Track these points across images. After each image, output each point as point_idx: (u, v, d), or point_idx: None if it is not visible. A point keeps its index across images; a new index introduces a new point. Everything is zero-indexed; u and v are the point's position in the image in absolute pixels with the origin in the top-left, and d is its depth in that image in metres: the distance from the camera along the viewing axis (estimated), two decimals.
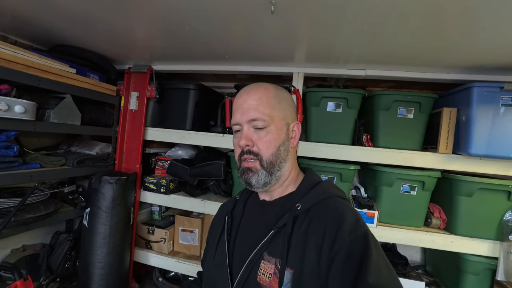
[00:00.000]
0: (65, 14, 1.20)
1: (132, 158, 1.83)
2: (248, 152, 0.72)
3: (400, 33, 1.07)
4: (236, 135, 0.76)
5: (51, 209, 1.43)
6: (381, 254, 0.60)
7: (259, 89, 0.74)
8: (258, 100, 0.72)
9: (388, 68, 1.51)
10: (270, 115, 0.71)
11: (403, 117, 1.50)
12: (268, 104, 0.72)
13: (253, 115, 0.71)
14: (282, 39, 1.24)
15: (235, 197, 0.89)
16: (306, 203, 0.70)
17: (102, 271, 1.49)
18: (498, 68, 1.33)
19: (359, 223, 0.63)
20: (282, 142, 0.73)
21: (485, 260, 1.42)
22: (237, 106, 0.74)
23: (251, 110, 0.71)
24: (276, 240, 0.68)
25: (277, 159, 0.72)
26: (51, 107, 1.40)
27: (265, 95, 0.73)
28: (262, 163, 0.71)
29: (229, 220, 0.81)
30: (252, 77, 1.86)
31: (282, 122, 0.74)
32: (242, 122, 0.72)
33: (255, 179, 0.71)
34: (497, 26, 0.94)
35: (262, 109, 0.71)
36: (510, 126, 1.29)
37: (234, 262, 0.74)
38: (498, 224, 1.40)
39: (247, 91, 0.75)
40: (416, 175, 1.46)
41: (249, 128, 0.72)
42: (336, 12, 0.95)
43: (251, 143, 0.71)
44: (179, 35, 1.28)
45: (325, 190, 0.73)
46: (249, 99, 0.72)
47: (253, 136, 0.72)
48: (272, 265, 0.66)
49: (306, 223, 0.67)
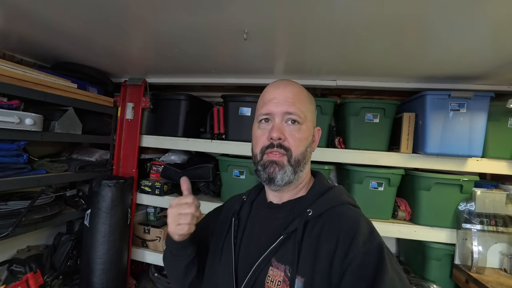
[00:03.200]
0: (67, 37, 1.36)
1: (129, 163, 1.99)
2: (279, 146, 0.67)
3: (363, 49, 1.25)
4: (261, 126, 0.71)
5: (56, 211, 1.58)
6: (396, 268, 0.57)
7: (296, 85, 0.72)
8: (296, 95, 0.69)
9: (357, 78, 1.71)
10: (305, 113, 0.69)
11: (370, 121, 1.70)
12: (304, 102, 0.70)
13: (290, 109, 0.67)
14: (259, 58, 1.44)
15: (242, 197, 0.85)
16: (317, 209, 0.66)
17: (102, 266, 1.64)
18: (447, 78, 1.54)
19: (374, 234, 0.60)
20: (309, 143, 0.71)
21: (445, 246, 1.61)
22: (272, 96, 0.70)
23: (289, 102, 0.67)
24: (286, 246, 0.64)
25: (303, 159, 0.69)
26: (56, 118, 1.56)
27: (302, 92, 0.71)
28: (290, 160, 0.67)
29: (235, 222, 0.77)
30: (238, 87, 2.05)
31: (311, 124, 0.72)
32: (276, 112, 0.68)
33: (280, 175, 0.67)
34: (445, 44, 1.13)
35: (298, 105, 0.68)
36: (457, 128, 1.50)
37: (239, 266, 0.70)
38: (454, 214, 1.60)
39: (285, 84, 0.71)
40: (383, 173, 1.65)
41: (282, 121, 0.68)
42: (299, 37, 1.15)
43: (283, 137, 0.67)
44: (170, 55, 1.47)
45: (337, 197, 0.69)
46: (287, 92, 0.69)
47: (285, 130, 0.68)
48: (281, 272, 0.62)
49: (318, 229, 0.63)
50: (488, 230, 1.54)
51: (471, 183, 1.57)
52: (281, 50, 1.32)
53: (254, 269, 0.65)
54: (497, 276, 1.46)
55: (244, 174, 1.81)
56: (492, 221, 1.54)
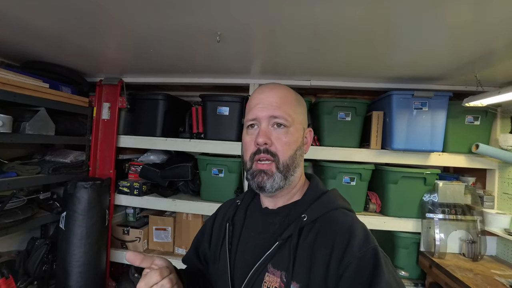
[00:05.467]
0: (38, 34, 1.31)
1: (106, 164, 1.96)
2: (265, 151, 0.66)
3: (333, 51, 1.32)
4: (249, 132, 0.71)
5: (29, 214, 1.54)
6: (392, 272, 0.57)
7: (282, 88, 0.71)
8: (282, 98, 0.68)
9: (329, 78, 1.79)
10: (292, 116, 0.68)
11: (343, 120, 1.79)
12: (291, 104, 0.69)
13: (276, 112, 0.66)
14: (234, 59, 1.48)
15: (236, 202, 0.83)
16: (312, 214, 0.66)
17: (80, 269, 1.62)
18: (411, 78, 1.66)
19: (369, 239, 0.60)
20: (299, 146, 0.70)
21: (412, 235, 1.74)
22: (257, 101, 0.69)
23: (274, 107, 0.67)
24: (281, 252, 0.64)
25: (293, 163, 0.68)
26: (26, 119, 1.52)
27: (288, 95, 0.70)
28: (278, 166, 0.67)
29: (230, 228, 0.76)
30: (216, 87, 2.08)
31: (300, 125, 0.71)
32: (261, 117, 0.67)
33: (270, 184, 0.67)
34: (408, 47, 1.23)
35: (285, 108, 0.67)
36: (421, 125, 1.62)
37: (236, 272, 0.70)
38: (419, 205, 1.72)
39: (270, 88, 0.71)
40: (354, 168, 1.75)
41: (268, 125, 0.67)
42: (270, 39, 1.20)
43: (269, 142, 0.66)
44: (145, 55, 1.47)
45: (332, 201, 0.69)
46: (272, 96, 0.68)
47: (272, 135, 0.67)
48: (277, 278, 0.62)
49: (313, 235, 0.63)
50: (449, 219, 1.67)
51: (433, 176, 1.70)
52: (254, 51, 1.37)
53: (251, 276, 0.65)
54: (457, 260, 1.60)
55: (223, 172, 1.85)
56: (452, 210, 1.68)
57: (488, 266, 1.54)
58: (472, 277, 1.39)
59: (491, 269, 1.50)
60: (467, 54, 1.25)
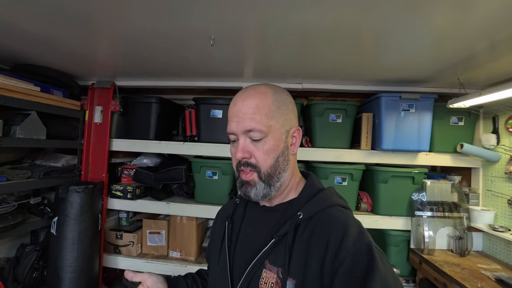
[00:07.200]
0: (28, 39, 1.31)
1: (98, 168, 1.94)
2: (246, 164, 0.69)
3: (322, 55, 1.36)
4: (233, 144, 0.73)
5: (19, 220, 1.51)
6: (387, 266, 0.58)
7: (255, 95, 0.69)
8: (254, 108, 0.67)
9: (321, 81, 1.84)
10: (268, 125, 0.67)
11: (334, 121, 1.83)
12: (266, 112, 0.67)
13: (249, 126, 0.67)
14: (227, 62, 1.50)
15: (235, 200, 0.86)
16: (307, 212, 0.67)
17: (72, 274, 1.59)
18: (398, 81, 1.72)
19: (363, 235, 0.61)
20: (281, 152, 0.70)
21: (402, 233, 1.79)
22: (232, 114, 0.70)
23: (247, 119, 0.67)
24: (278, 249, 0.66)
25: (275, 171, 0.69)
26: (17, 123, 1.50)
27: (262, 102, 0.68)
28: (260, 175, 0.68)
29: (229, 226, 0.79)
30: (210, 90, 2.10)
31: (280, 130, 0.70)
32: (237, 132, 0.68)
33: (253, 192, 0.69)
34: (395, 52, 1.28)
35: (259, 118, 0.66)
36: (408, 126, 1.68)
37: (235, 268, 0.72)
38: (408, 203, 1.78)
39: (243, 98, 0.69)
40: (346, 169, 1.79)
41: (246, 139, 0.68)
42: (263, 44, 1.24)
43: (247, 155, 0.68)
44: (139, 58, 1.48)
45: (327, 198, 0.70)
46: (244, 108, 0.68)
47: (250, 147, 0.68)
48: (274, 274, 0.64)
49: (308, 232, 0.65)
50: (437, 216, 1.73)
51: (421, 175, 1.76)
52: (247, 55, 1.40)
53: (248, 272, 0.67)
54: (445, 256, 1.66)
55: (217, 174, 1.86)
56: (440, 208, 1.74)
57: (475, 261, 1.60)
58: (460, 271, 1.44)
59: (477, 264, 1.56)
60: (450, 57, 1.31)
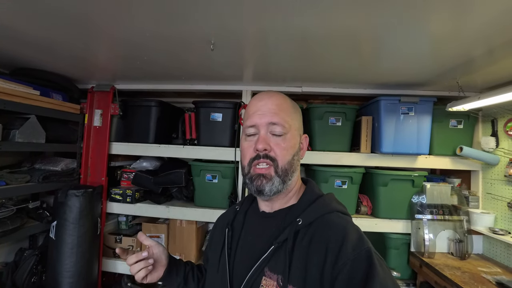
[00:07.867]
0: (27, 40, 1.29)
1: (98, 171, 1.94)
2: (265, 156, 0.69)
3: (321, 59, 1.36)
4: (248, 138, 0.73)
5: (18, 224, 1.50)
6: (387, 272, 0.58)
7: (279, 95, 0.75)
8: (279, 106, 0.71)
9: (320, 85, 1.84)
10: (289, 123, 0.71)
11: (333, 125, 1.83)
12: (288, 111, 0.72)
13: (274, 119, 0.70)
14: (227, 66, 1.51)
15: (235, 208, 0.86)
16: (307, 218, 0.68)
17: (71, 279, 1.58)
18: (397, 84, 1.73)
19: (362, 240, 0.62)
20: (296, 152, 0.73)
21: (402, 236, 1.78)
22: (256, 108, 0.72)
23: (272, 113, 0.70)
24: (277, 256, 0.66)
25: (291, 168, 0.71)
26: (16, 127, 1.50)
27: (285, 103, 0.73)
28: (277, 170, 0.69)
29: (229, 233, 0.79)
30: (209, 93, 2.10)
31: (296, 132, 0.74)
32: (260, 124, 0.70)
33: (269, 187, 0.69)
34: (394, 56, 1.29)
35: (282, 115, 0.70)
36: (407, 129, 1.68)
37: (234, 276, 0.72)
38: (408, 206, 1.78)
39: (269, 95, 0.74)
40: (345, 172, 1.79)
41: (267, 132, 0.70)
42: (262, 48, 1.24)
43: (268, 148, 0.69)
44: (138, 62, 1.48)
45: (327, 204, 0.71)
46: (270, 103, 0.71)
47: (271, 141, 0.70)
48: (274, 281, 0.64)
49: (308, 238, 0.65)
50: (437, 219, 1.73)
51: (421, 178, 1.76)
52: (246, 59, 1.40)
53: (247, 279, 0.67)
54: (445, 259, 1.65)
55: (217, 178, 1.86)
56: (440, 210, 1.74)
57: (475, 264, 1.60)
58: (460, 275, 1.44)
59: (478, 267, 1.55)
60: (449, 61, 1.32)
